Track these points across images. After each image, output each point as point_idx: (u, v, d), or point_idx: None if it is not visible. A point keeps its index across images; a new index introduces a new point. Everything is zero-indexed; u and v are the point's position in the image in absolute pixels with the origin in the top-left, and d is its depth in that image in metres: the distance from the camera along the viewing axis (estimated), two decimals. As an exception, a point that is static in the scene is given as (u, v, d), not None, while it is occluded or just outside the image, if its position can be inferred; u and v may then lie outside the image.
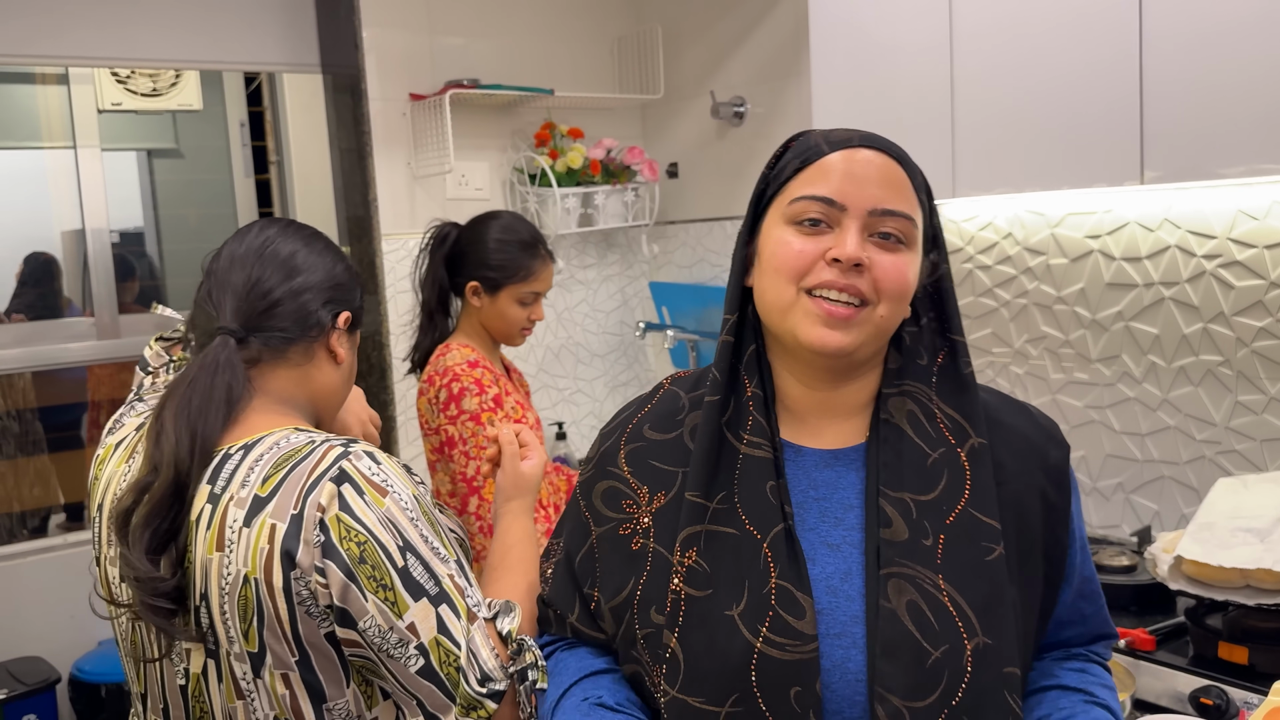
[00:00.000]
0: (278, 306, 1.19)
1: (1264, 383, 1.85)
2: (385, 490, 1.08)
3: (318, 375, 1.23)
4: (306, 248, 1.24)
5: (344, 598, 1.05)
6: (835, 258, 0.90)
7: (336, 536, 1.05)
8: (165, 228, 3.94)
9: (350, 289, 1.27)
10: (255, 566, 1.06)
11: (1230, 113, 1.53)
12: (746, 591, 0.90)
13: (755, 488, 0.94)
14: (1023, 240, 2.19)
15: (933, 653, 0.87)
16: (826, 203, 0.91)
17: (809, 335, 0.91)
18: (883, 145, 0.95)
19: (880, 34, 2.02)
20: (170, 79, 3.55)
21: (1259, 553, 1.47)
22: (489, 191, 2.85)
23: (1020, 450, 0.98)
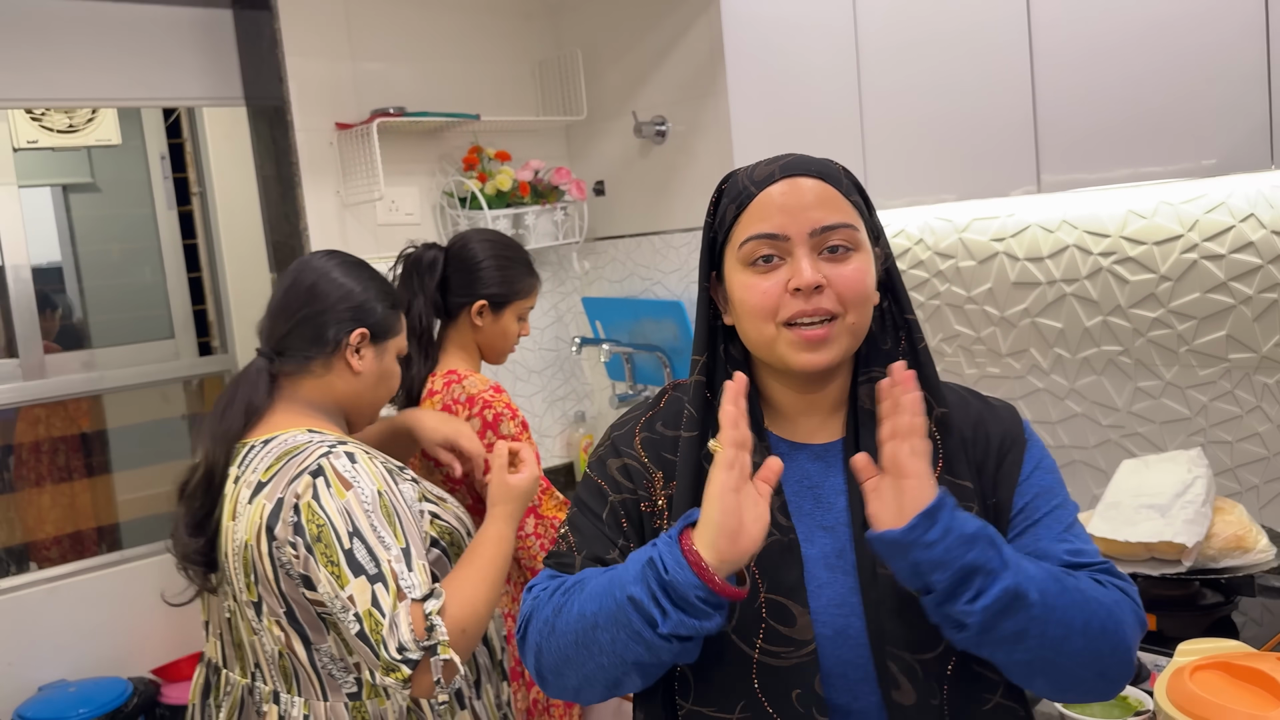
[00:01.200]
0: (296, 329, 1.50)
1: (1160, 369, 1.99)
2: (350, 485, 1.34)
3: (339, 384, 1.52)
4: (329, 274, 1.52)
5: (306, 566, 1.33)
6: (795, 287, 0.99)
7: (305, 519, 1.33)
8: (85, 263, 3.88)
9: (367, 309, 1.52)
10: (251, 535, 1.38)
11: (1115, 122, 1.67)
12: (737, 609, 0.99)
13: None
14: (933, 245, 2.32)
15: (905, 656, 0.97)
16: (770, 238, 1.00)
17: (796, 361, 1.01)
18: (803, 169, 1.03)
19: (791, 55, 2.12)
20: (87, 115, 3.51)
21: (1160, 527, 1.60)
22: (419, 216, 2.89)
23: (979, 421, 1.07)
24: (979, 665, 0.99)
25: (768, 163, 1.05)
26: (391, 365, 1.57)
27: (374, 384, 1.55)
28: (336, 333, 1.50)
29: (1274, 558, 1.59)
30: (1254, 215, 1.83)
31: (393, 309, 1.56)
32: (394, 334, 1.56)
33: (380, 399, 1.58)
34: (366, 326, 1.52)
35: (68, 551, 3.40)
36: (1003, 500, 1.04)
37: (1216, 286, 1.89)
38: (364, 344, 1.52)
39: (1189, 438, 1.97)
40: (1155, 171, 1.65)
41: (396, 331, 1.57)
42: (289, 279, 1.54)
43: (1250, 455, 1.90)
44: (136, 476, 3.68)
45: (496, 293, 2.02)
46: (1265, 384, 1.86)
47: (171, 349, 3.75)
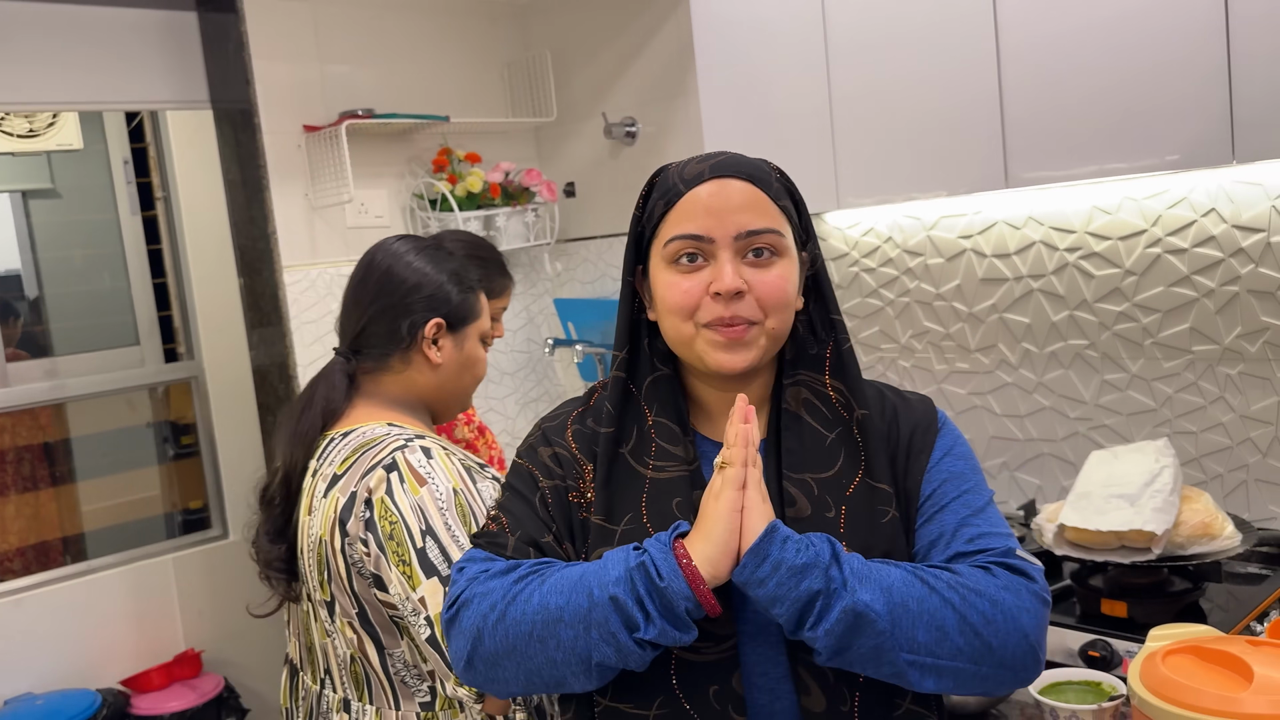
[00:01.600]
0: (369, 325, 1.46)
1: (1125, 362, 2.03)
2: (424, 480, 1.29)
3: (420, 378, 1.47)
4: (398, 263, 1.47)
5: (377, 565, 1.28)
6: (716, 291, 0.99)
7: (377, 515, 1.28)
8: (46, 270, 3.82)
9: (440, 297, 1.46)
10: (325, 530, 1.33)
11: (1081, 118, 1.70)
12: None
13: (662, 507, 1.01)
14: (902, 243, 2.34)
15: None
16: (695, 239, 1.00)
17: (714, 361, 1.01)
18: (733, 170, 1.02)
19: (761, 55, 2.14)
20: (47, 119, 3.45)
21: (1130, 516, 1.62)
22: (389, 219, 2.88)
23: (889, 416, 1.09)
24: None
25: (699, 160, 1.04)
26: (474, 351, 1.52)
27: (457, 373, 1.50)
28: (411, 326, 1.45)
29: (1239, 544, 1.63)
30: (1215, 210, 1.87)
31: (470, 291, 1.50)
32: (473, 319, 1.51)
33: (466, 387, 1.53)
34: (441, 316, 1.46)
35: (32, 563, 3.34)
36: (911, 488, 1.05)
37: (1180, 280, 1.93)
38: (441, 334, 1.47)
39: (1155, 429, 2.01)
40: (1120, 168, 1.68)
41: (475, 315, 1.51)
42: (360, 272, 1.50)
43: (1214, 445, 1.94)
44: (102, 485, 3.62)
45: None
46: (1228, 375, 1.90)
47: (137, 356, 3.70)
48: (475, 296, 1.52)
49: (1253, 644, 1.30)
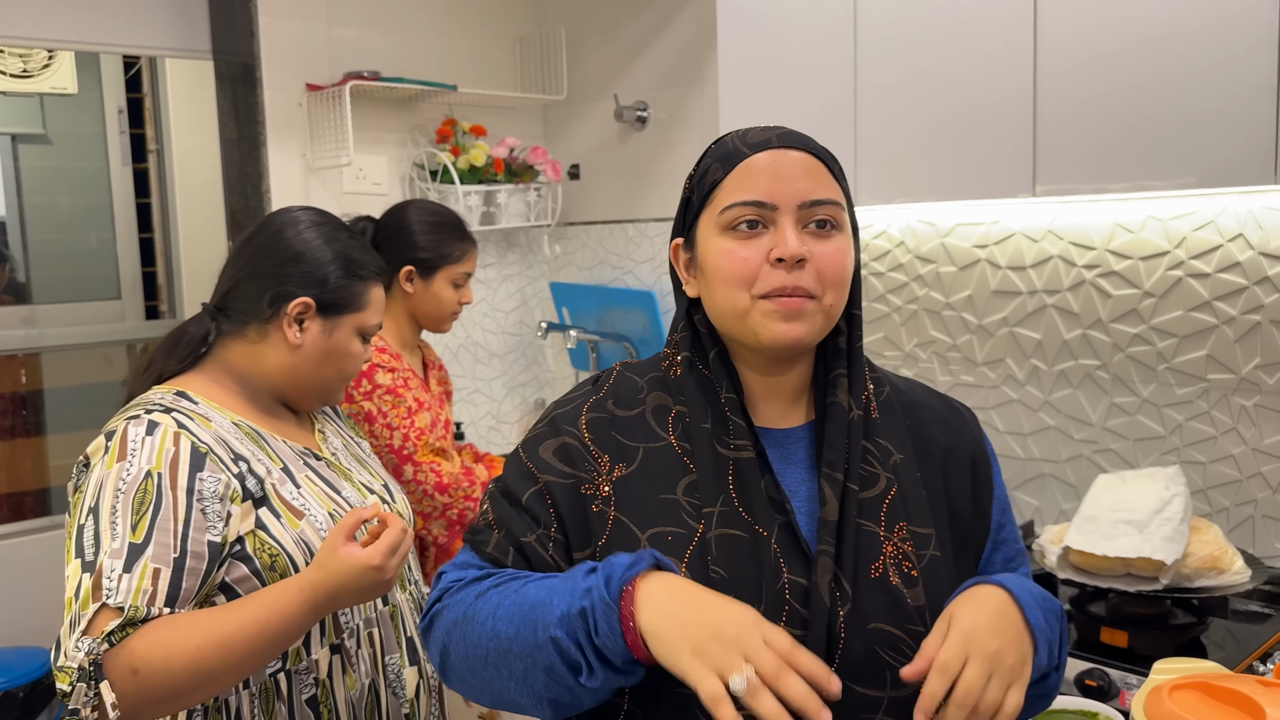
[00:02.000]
0: (238, 288, 1.34)
1: (1137, 385, 1.97)
2: (125, 456, 1.18)
3: (271, 356, 1.34)
4: (287, 231, 1.36)
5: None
6: (779, 257, 0.93)
7: (77, 480, 1.21)
8: (31, 216, 3.72)
9: (318, 276, 1.34)
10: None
11: (1117, 132, 1.64)
12: (764, 591, 0.92)
13: (752, 489, 0.95)
14: (914, 249, 2.28)
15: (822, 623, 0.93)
16: (758, 205, 0.95)
17: (770, 333, 0.95)
18: (800, 142, 0.98)
19: (786, 44, 2.07)
20: (43, 60, 3.36)
21: (1139, 543, 1.57)
22: (387, 186, 2.80)
23: (948, 425, 1.05)
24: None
25: (763, 129, 0.99)
26: (345, 343, 1.37)
27: (317, 361, 1.36)
28: (275, 298, 1.32)
29: (1248, 580, 1.57)
30: (1242, 235, 1.81)
31: (357, 279, 1.37)
32: (351, 308, 1.37)
33: (327, 380, 1.38)
34: (312, 296, 1.33)
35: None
36: (976, 509, 1.03)
37: (1200, 305, 1.88)
38: (308, 315, 1.34)
39: (1162, 456, 1.95)
40: (1155, 184, 1.62)
41: (356, 307, 1.38)
42: (253, 228, 1.39)
43: (1223, 477, 1.88)
44: (72, 440, 3.53)
45: (424, 257, 2.01)
46: (1243, 406, 1.85)
47: (117, 310, 3.61)
48: (363, 286, 1.38)
49: (1264, 684, 1.24)
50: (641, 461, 0.99)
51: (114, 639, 1.07)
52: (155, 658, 1.08)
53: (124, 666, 1.07)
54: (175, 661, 1.08)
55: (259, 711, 1.25)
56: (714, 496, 0.95)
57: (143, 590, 1.11)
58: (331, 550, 1.18)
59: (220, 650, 1.11)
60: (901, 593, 0.95)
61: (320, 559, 1.18)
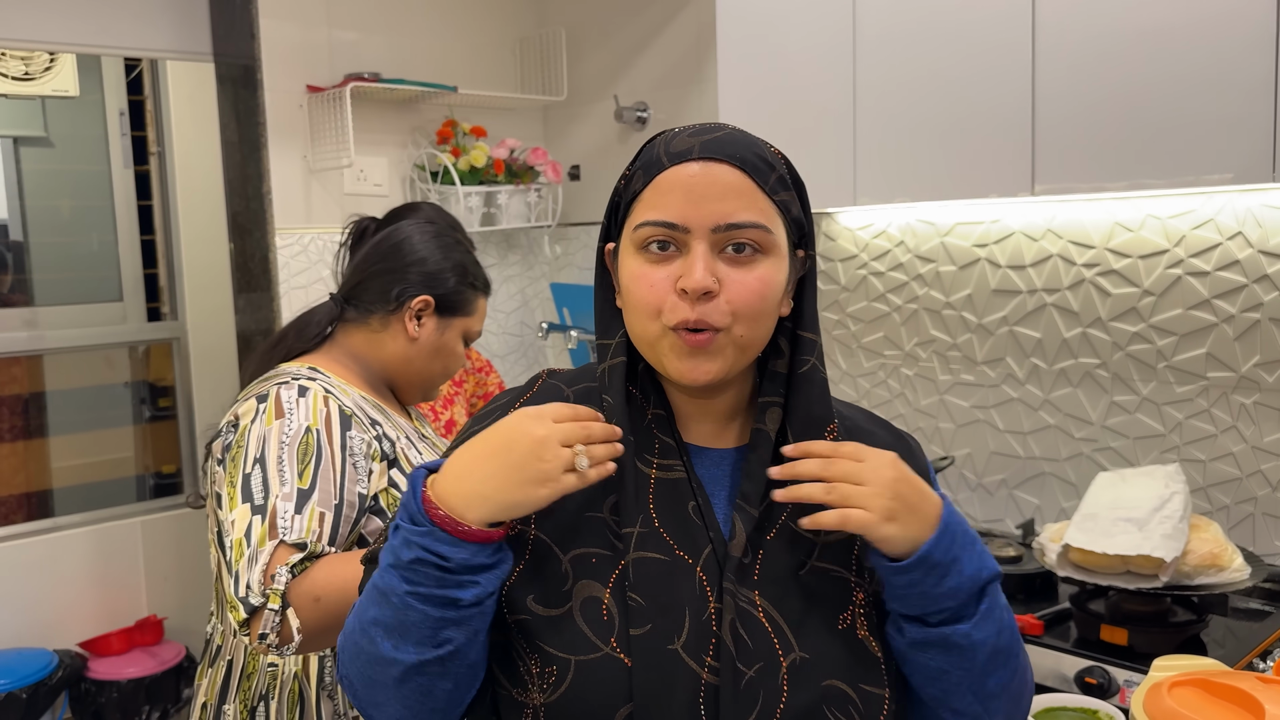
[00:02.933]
0: (367, 280, 1.49)
1: (1137, 384, 1.98)
2: (283, 414, 1.32)
3: (390, 345, 1.49)
4: (417, 236, 1.50)
5: (220, 483, 1.32)
6: (683, 289, 0.85)
7: (236, 439, 1.32)
8: (33, 219, 3.73)
9: (439, 278, 1.49)
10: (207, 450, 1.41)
11: (1116, 130, 1.64)
12: (689, 620, 0.85)
13: (677, 512, 0.89)
14: (914, 248, 2.28)
15: (747, 672, 0.84)
16: (668, 227, 0.86)
17: (677, 370, 0.87)
18: (726, 151, 0.87)
19: (786, 44, 2.08)
20: (44, 62, 3.36)
21: (1138, 540, 1.57)
22: (388, 188, 2.80)
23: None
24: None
25: (693, 132, 0.89)
26: (453, 343, 1.53)
27: (429, 355, 1.51)
28: (401, 293, 1.48)
29: (1248, 577, 1.58)
30: (1241, 233, 1.82)
31: (469, 287, 1.52)
32: (463, 312, 1.52)
33: (433, 375, 1.53)
34: (434, 295, 1.49)
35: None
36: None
37: (1199, 303, 1.88)
38: (426, 312, 1.49)
39: (1162, 454, 1.95)
40: (1153, 182, 1.62)
41: (467, 311, 1.53)
42: (382, 233, 1.53)
43: (1223, 475, 1.89)
44: (74, 442, 3.53)
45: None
46: (1242, 404, 1.85)
47: (119, 312, 3.61)
48: (473, 294, 1.53)
49: (1264, 681, 1.25)
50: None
51: (296, 570, 1.19)
52: (334, 587, 1.19)
53: (307, 595, 1.18)
54: (351, 590, 1.15)
55: None
56: (633, 517, 0.87)
57: (312, 530, 1.23)
58: None
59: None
60: (869, 648, 0.88)
61: None
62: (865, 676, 0.88)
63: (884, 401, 2.38)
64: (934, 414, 2.29)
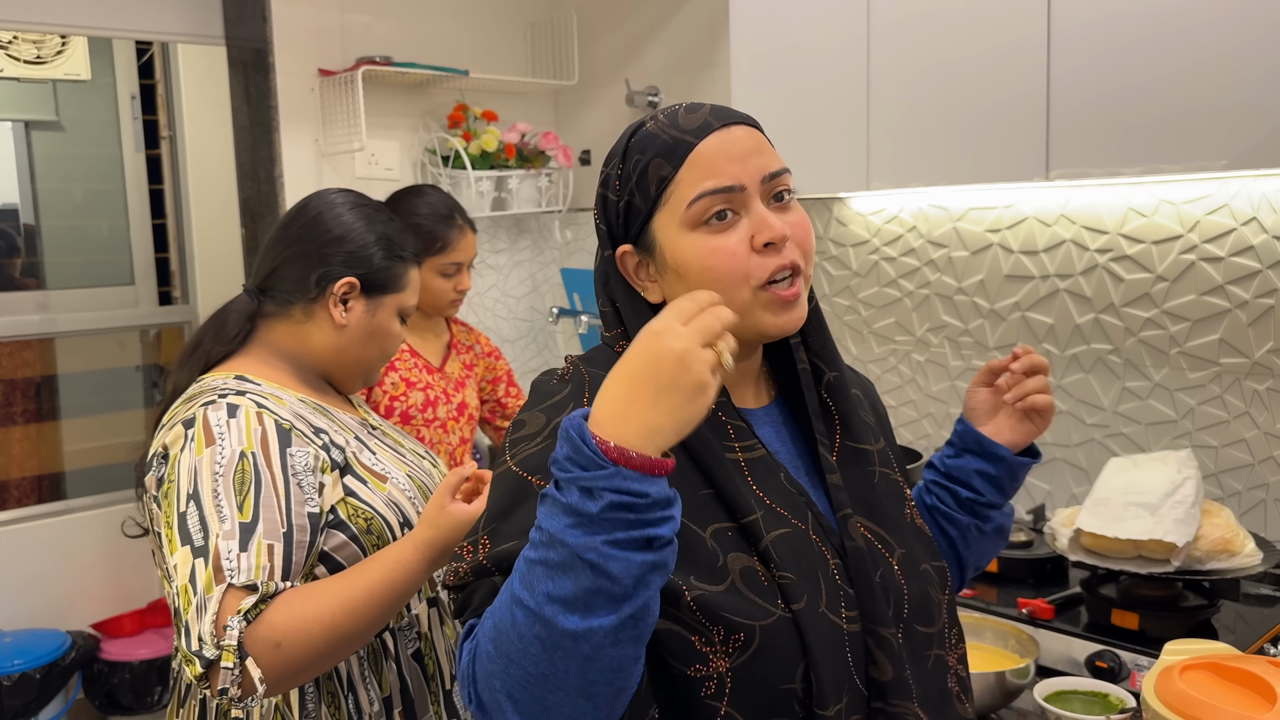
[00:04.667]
0: (282, 267, 1.36)
1: (1149, 370, 1.97)
2: (213, 440, 1.19)
3: (317, 335, 1.36)
4: (332, 211, 1.38)
5: (154, 519, 1.23)
6: (767, 240, 0.89)
7: (167, 472, 1.20)
8: (45, 203, 3.74)
9: (363, 256, 1.36)
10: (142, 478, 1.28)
11: (1130, 115, 1.63)
12: (823, 582, 0.90)
13: (775, 486, 0.93)
14: (926, 233, 2.28)
15: (874, 578, 0.93)
16: (728, 190, 0.90)
17: (776, 325, 0.91)
18: (736, 116, 0.94)
19: (799, 29, 2.07)
20: (56, 46, 3.36)
21: (1150, 525, 1.57)
22: (399, 171, 2.80)
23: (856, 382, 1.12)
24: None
25: (689, 111, 0.93)
26: (387, 323, 1.40)
27: (361, 341, 1.38)
28: (322, 278, 1.34)
29: (1260, 563, 1.58)
30: (1256, 219, 1.81)
31: (397, 260, 1.39)
32: (393, 289, 1.40)
33: (370, 360, 1.41)
34: (357, 276, 1.35)
35: (8, 498, 3.27)
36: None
37: (1213, 289, 1.87)
38: (352, 295, 1.36)
39: (1174, 440, 1.95)
40: (1168, 167, 1.61)
41: (398, 287, 1.40)
42: (290, 213, 1.40)
43: (1235, 461, 1.88)
44: (86, 425, 3.55)
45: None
46: (1255, 390, 1.85)
47: (130, 296, 3.62)
48: (402, 267, 1.40)
49: (1275, 665, 1.25)
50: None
51: (250, 616, 1.09)
52: (295, 629, 1.09)
53: (266, 642, 1.08)
54: (314, 630, 1.10)
55: (369, 672, 1.31)
56: (747, 501, 0.89)
57: (262, 567, 1.12)
58: (440, 509, 1.21)
59: (353, 614, 1.13)
60: (926, 531, 1.02)
61: (430, 518, 1.21)
62: (934, 554, 1.01)
63: (895, 387, 2.38)
64: (945, 399, 2.29)
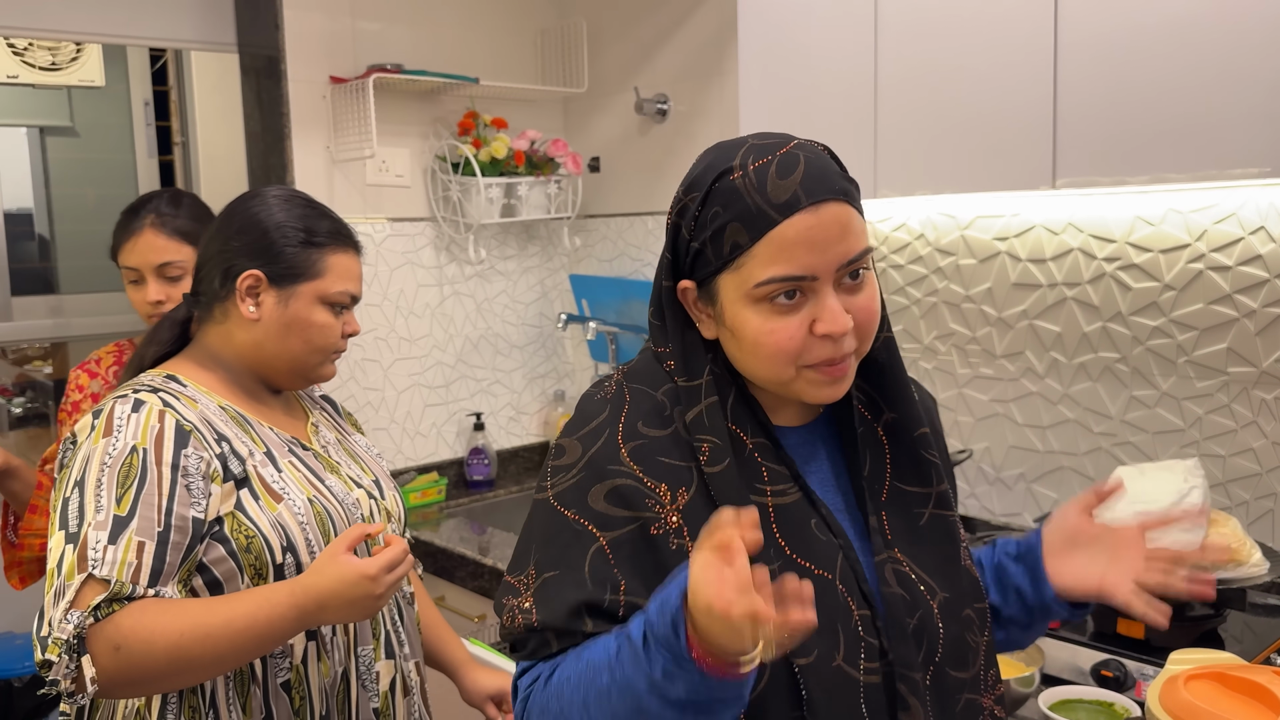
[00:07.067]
0: (204, 267, 1.35)
1: (1156, 379, 1.97)
2: (111, 432, 1.19)
3: (237, 334, 1.34)
4: (248, 206, 1.35)
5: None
6: (826, 333, 0.88)
7: (67, 455, 1.22)
8: (59, 208, 3.77)
9: (270, 247, 1.32)
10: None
11: (1139, 122, 1.63)
12: (841, 634, 0.90)
13: (800, 533, 0.92)
14: (934, 241, 2.28)
15: (911, 622, 0.94)
16: (798, 279, 0.88)
17: (815, 397, 0.92)
18: (826, 189, 0.88)
19: (807, 37, 2.08)
20: (71, 53, 3.40)
21: (1156, 533, 1.57)
22: (410, 179, 2.82)
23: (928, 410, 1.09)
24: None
25: (781, 174, 0.88)
26: (306, 313, 1.33)
27: (278, 335, 1.32)
28: (227, 274, 1.32)
29: (1267, 572, 1.57)
30: (1264, 228, 1.81)
31: (310, 246, 1.33)
32: (307, 276, 1.32)
33: (296, 354, 1.34)
34: (261, 267, 1.31)
35: (22, 501, 3.29)
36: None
37: (1221, 298, 1.87)
38: (261, 287, 1.32)
39: (1182, 449, 1.95)
40: (1175, 176, 1.61)
41: (312, 274, 1.33)
42: (224, 209, 1.38)
43: (1243, 470, 1.88)
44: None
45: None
46: (1263, 399, 1.85)
47: (143, 301, 3.65)
48: (317, 253, 1.34)
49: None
50: (699, 484, 0.92)
51: (100, 614, 1.08)
52: (139, 638, 1.08)
53: (107, 642, 1.07)
54: (158, 644, 1.08)
55: (234, 694, 1.25)
56: (766, 553, 0.88)
57: (128, 564, 1.11)
58: (331, 557, 1.16)
59: (204, 640, 1.10)
60: (974, 573, 1.01)
61: (318, 565, 1.17)
62: (979, 597, 1.00)
63: (902, 394, 2.38)
64: (953, 407, 2.29)
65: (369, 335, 2.76)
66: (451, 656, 1.60)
